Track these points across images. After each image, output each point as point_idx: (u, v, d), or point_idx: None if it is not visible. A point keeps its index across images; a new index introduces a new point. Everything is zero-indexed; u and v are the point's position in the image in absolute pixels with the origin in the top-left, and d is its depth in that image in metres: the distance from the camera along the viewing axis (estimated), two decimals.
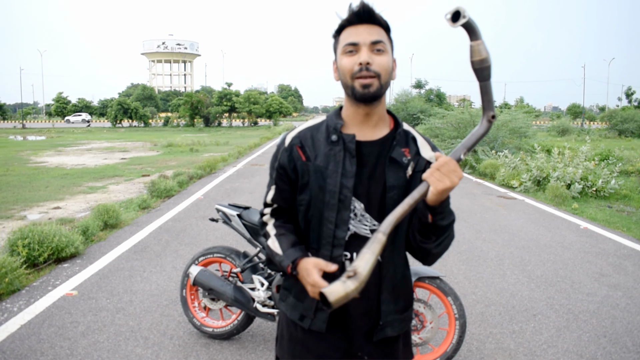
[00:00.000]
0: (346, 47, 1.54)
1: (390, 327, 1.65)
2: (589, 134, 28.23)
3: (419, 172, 1.61)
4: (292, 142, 1.66)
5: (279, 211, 1.73)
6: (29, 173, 13.77)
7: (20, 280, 4.79)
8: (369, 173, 1.59)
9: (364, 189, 1.58)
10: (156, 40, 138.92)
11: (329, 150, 1.59)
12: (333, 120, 1.63)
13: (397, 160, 1.59)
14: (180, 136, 34.00)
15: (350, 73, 1.53)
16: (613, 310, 4.41)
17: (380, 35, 1.53)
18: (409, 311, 1.72)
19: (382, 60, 1.53)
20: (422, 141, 1.67)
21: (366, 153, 1.59)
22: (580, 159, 11.25)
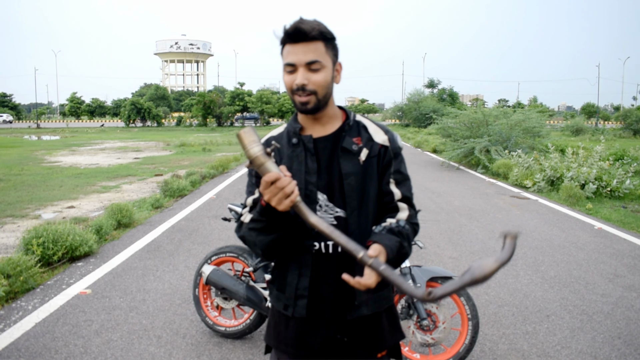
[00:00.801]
0: (285, 67, 1.63)
1: (365, 306, 1.72)
2: (604, 134, 28.00)
3: (374, 156, 1.72)
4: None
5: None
6: (43, 172, 13.90)
7: (34, 278, 4.84)
8: (326, 165, 1.71)
9: (324, 181, 1.70)
10: (169, 40, 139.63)
11: (291, 152, 1.73)
12: (292, 125, 1.77)
13: (348, 149, 1.70)
14: (193, 136, 34.13)
15: (290, 90, 1.65)
16: (628, 312, 4.37)
17: (317, 53, 1.61)
18: (384, 290, 1.78)
19: (318, 78, 1.61)
20: (374, 127, 1.78)
21: (321, 148, 1.72)
22: (595, 158, 11.15)
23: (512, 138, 15.47)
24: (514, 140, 15.42)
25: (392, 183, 1.76)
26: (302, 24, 1.58)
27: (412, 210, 1.79)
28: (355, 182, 1.69)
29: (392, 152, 1.75)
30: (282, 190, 1.46)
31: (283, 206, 1.49)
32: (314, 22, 1.62)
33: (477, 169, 14.85)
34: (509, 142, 15.41)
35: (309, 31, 1.58)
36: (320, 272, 1.72)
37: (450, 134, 17.94)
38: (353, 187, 1.68)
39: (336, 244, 1.66)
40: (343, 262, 1.70)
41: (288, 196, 1.47)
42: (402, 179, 1.77)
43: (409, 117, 47.70)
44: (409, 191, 1.79)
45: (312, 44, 1.60)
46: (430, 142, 23.33)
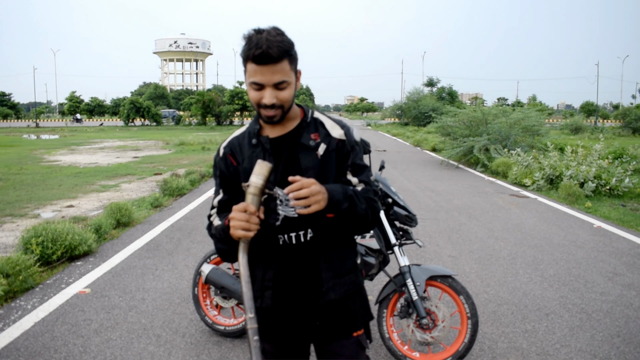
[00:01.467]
0: (251, 85, 1.68)
1: (333, 291, 1.82)
2: (603, 132, 27.96)
3: (332, 150, 1.80)
4: (225, 151, 1.89)
5: (223, 209, 1.90)
6: (42, 172, 13.89)
7: (34, 278, 4.83)
8: (285, 162, 1.79)
9: (284, 177, 1.73)
10: (168, 39, 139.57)
11: (251, 152, 1.81)
12: (252, 126, 1.86)
13: (306, 145, 1.79)
14: (192, 135, 34.11)
15: (257, 105, 1.71)
16: (627, 310, 4.37)
17: (283, 73, 1.66)
18: (351, 275, 1.88)
19: (285, 95, 1.69)
20: (331, 123, 1.85)
21: (279, 147, 1.80)
22: (594, 157, 11.14)
23: (511, 137, 15.47)
24: (513, 139, 15.42)
25: (349, 173, 1.84)
26: (270, 48, 1.61)
27: (369, 187, 1.85)
28: (315, 175, 1.74)
29: (349, 145, 1.82)
30: (247, 223, 1.61)
31: (236, 234, 1.63)
32: (277, 38, 1.64)
33: (476, 168, 14.85)
34: (508, 141, 15.41)
35: (277, 55, 1.62)
36: (286, 263, 1.82)
37: (450, 133, 17.93)
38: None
39: (299, 235, 1.79)
40: (308, 252, 1.81)
41: (245, 230, 1.61)
42: (359, 169, 1.84)
43: (408, 116, 47.67)
44: (367, 177, 1.86)
45: (279, 65, 1.65)
46: (430, 140, 23.31)
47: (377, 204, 1.85)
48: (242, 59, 1.70)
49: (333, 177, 1.81)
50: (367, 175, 1.86)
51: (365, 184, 1.84)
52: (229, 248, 1.79)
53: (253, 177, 1.62)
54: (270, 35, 1.63)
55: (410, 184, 11.58)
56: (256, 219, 1.64)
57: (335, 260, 1.85)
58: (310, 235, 1.81)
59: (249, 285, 1.63)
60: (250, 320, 1.59)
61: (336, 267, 1.85)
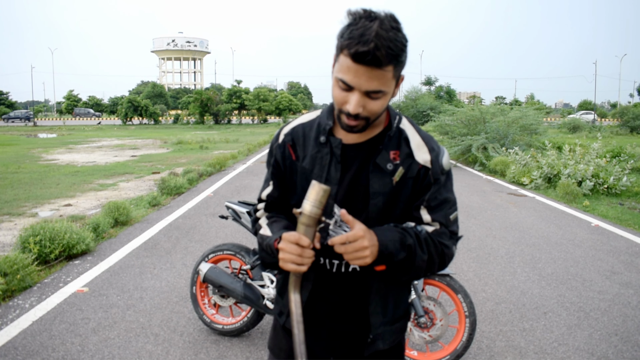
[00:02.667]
0: (339, 82, 1.36)
1: (382, 340, 1.55)
2: (601, 131, 27.98)
3: (411, 177, 1.48)
4: (285, 139, 1.59)
5: (273, 206, 1.66)
6: (40, 170, 13.87)
7: (31, 276, 4.83)
8: (351, 178, 1.49)
9: (345, 194, 1.48)
10: (166, 37, 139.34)
11: (316, 152, 1.51)
12: (324, 119, 1.53)
13: (381, 167, 1.47)
14: (190, 134, 34.12)
15: (339, 107, 1.40)
16: (624, 308, 4.38)
17: (383, 81, 1.33)
18: (402, 322, 1.61)
19: (375, 106, 1.37)
20: (418, 142, 1.51)
21: (351, 157, 1.50)
22: (592, 156, 11.16)
23: (509, 135, 15.48)
24: (511, 138, 15.43)
25: (422, 209, 1.51)
26: (379, 50, 1.26)
27: (443, 229, 1.51)
28: (383, 203, 1.47)
29: (433, 177, 1.49)
30: (299, 257, 1.37)
31: (286, 267, 1.39)
32: (390, 35, 1.29)
33: (474, 167, 14.85)
34: (506, 140, 15.42)
35: (384, 59, 1.28)
36: (321, 289, 1.56)
37: (448, 132, 17.94)
38: (379, 209, 1.47)
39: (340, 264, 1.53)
40: (355, 287, 1.54)
41: (297, 265, 1.38)
42: (437, 204, 1.50)
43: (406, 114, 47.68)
44: (444, 217, 1.51)
45: (382, 71, 1.31)
46: None
47: (451, 249, 1.52)
48: (337, 42, 1.36)
49: (404, 206, 1.50)
50: (445, 214, 1.51)
51: (440, 224, 1.51)
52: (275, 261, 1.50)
53: (307, 204, 1.34)
54: (382, 29, 1.27)
55: None
56: (310, 252, 1.37)
57: (389, 303, 1.56)
58: (354, 266, 1.53)
59: (300, 327, 1.40)
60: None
61: (389, 313, 1.56)
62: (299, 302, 1.43)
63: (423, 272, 1.49)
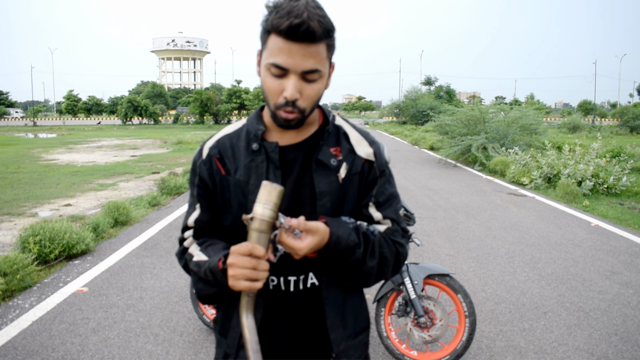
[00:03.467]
0: (271, 67, 1.23)
1: (346, 357, 1.41)
2: (600, 131, 28.00)
3: (356, 173, 1.37)
4: (210, 152, 1.41)
5: (203, 232, 1.45)
6: (40, 170, 13.87)
7: (31, 276, 4.83)
8: (294, 181, 1.35)
9: (289, 200, 1.34)
10: (166, 37, 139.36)
11: (249, 161, 1.35)
12: (254, 125, 1.39)
13: (325, 163, 1.35)
14: (190, 133, 34.10)
15: (275, 100, 1.26)
16: (624, 308, 4.38)
17: (318, 58, 1.23)
18: (364, 334, 1.47)
19: (312, 91, 1.26)
20: (357, 136, 1.42)
21: (290, 159, 1.36)
22: (592, 155, 11.16)
23: (509, 135, 15.49)
24: (511, 138, 15.43)
25: (371, 206, 1.40)
26: (311, 20, 1.17)
27: (395, 226, 1.42)
28: (331, 204, 1.34)
29: (378, 170, 1.40)
30: (254, 271, 1.18)
31: (238, 286, 1.19)
32: (319, 12, 1.21)
33: (474, 166, 14.85)
34: (506, 140, 15.42)
35: (318, 32, 1.19)
36: (277, 314, 1.39)
37: (448, 132, 17.94)
38: (327, 210, 1.34)
39: (298, 281, 1.37)
40: (311, 303, 1.40)
41: (251, 281, 1.18)
42: (385, 200, 1.41)
43: (406, 115, 47.65)
44: (394, 212, 1.42)
45: (316, 47, 1.21)
46: (428, 139, 23.32)
47: (404, 248, 1.42)
48: (262, 32, 1.26)
49: (353, 206, 1.39)
50: (395, 210, 1.42)
51: (392, 221, 1.41)
52: (217, 291, 1.33)
53: (259, 207, 1.17)
54: (310, 6, 1.19)
55: (408, 183, 11.58)
56: (265, 264, 1.19)
57: (347, 314, 1.43)
58: (312, 281, 1.39)
59: (258, 356, 1.19)
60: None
61: (349, 324, 1.43)
62: (254, 328, 1.22)
63: (374, 276, 1.37)
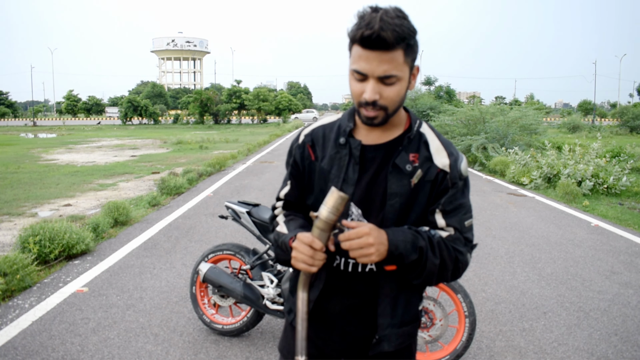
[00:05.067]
0: (354, 73, 1.42)
1: (387, 341, 1.55)
2: (600, 131, 28.00)
3: (429, 181, 1.50)
4: (305, 139, 1.62)
5: (291, 205, 1.68)
6: (39, 170, 13.87)
7: (31, 276, 4.83)
8: (369, 178, 1.51)
9: (363, 195, 1.51)
10: (166, 37, 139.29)
11: (335, 152, 1.54)
12: (345, 121, 1.57)
13: (400, 167, 1.49)
14: (190, 133, 34.10)
15: (357, 100, 1.44)
16: (624, 308, 4.38)
17: (394, 64, 1.37)
18: (410, 326, 1.60)
19: (391, 93, 1.41)
20: (437, 146, 1.53)
21: (369, 158, 1.52)
22: (591, 155, 11.16)
23: (509, 135, 15.49)
24: (510, 138, 15.44)
25: (437, 213, 1.52)
26: (384, 30, 1.32)
27: (457, 235, 1.53)
28: (400, 205, 1.49)
29: (450, 182, 1.51)
30: (310, 258, 1.41)
31: (297, 266, 1.44)
32: (396, 20, 1.35)
33: (474, 166, 14.85)
34: (506, 140, 15.43)
35: (391, 40, 1.33)
36: (335, 288, 1.58)
37: (448, 132, 17.95)
38: (395, 210, 1.49)
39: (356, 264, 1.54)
40: (366, 287, 1.55)
41: (308, 265, 1.42)
42: (452, 209, 1.52)
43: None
44: (459, 222, 1.53)
45: (391, 54, 1.36)
46: None
47: (465, 256, 1.53)
48: (348, 41, 1.41)
49: (421, 210, 1.52)
50: (460, 220, 1.53)
51: (455, 230, 1.52)
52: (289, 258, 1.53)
53: (324, 210, 1.38)
54: (387, 16, 1.34)
55: None
56: (322, 255, 1.42)
57: (398, 305, 1.56)
58: (371, 267, 1.54)
59: (304, 324, 1.46)
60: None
61: (397, 315, 1.56)
62: (306, 300, 1.47)
63: (435, 277, 1.49)
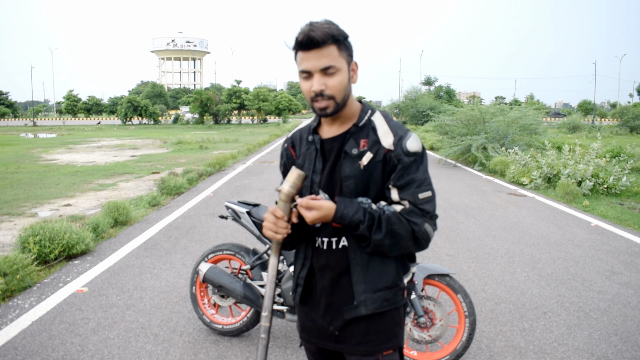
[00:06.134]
0: (301, 73, 1.67)
1: (364, 305, 1.72)
2: (600, 131, 27.98)
3: (379, 161, 1.69)
4: (287, 143, 1.91)
5: None
6: (39, 170, 13.87)
7: (31, 276, 4.83)
8: (330, 166, 1.75)
9: (326, 181, 1.75)
10: (166, 37, 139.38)
11: (306, 149, 1.82)
12: (313, 121, 1.83)
13: (348, 153, 1.71)
14: (190, 133, 34.11)
15: (309, 97, 1.68)
16: (624, 308, 4.38)
17: (330, 57, 1.63)
18: (386, 291, 1.74)
19: (334, 82, 1.64)
20: (385, 130, 1.73)
21: (328, 149, 1.77)
22: (591, 156, 11.16)
23: (509, 135, 15.48)
24: (510, 138, 15.43)
25: (391, 189, 1.70)
26: (313, 31, 1.59)
27: (412, 207, 1.69)
28: (355, 186, 1.70)
29: (395, 158, 1.68)
30: (274, 226, 1.67)
31: (266, 234, 1.70)
32: (325, 25, 1.62)
33: (474, 166, 14.85)
34: (506, 140, 15.42)
35: (320, 38, 1.60)
36: (320, 266, 1.79)
37: (447, 132, 17.93)
38: (351, 190, 1.70)
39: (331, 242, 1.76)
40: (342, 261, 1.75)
41: (273, 232, 1.68)
42: (404, 184, 1.68)
43: (406, 115, 47.60)
44: (412, 195, 1.68)
45: (325, 49, 1.62)
46: (428, 139, 23.31)
47: (421, 227, 1.67)
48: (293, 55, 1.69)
49: (378, 188, 1.71)
50: (413, 193, 1.68)
51: (409, 203, 1.68)
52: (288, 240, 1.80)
53: (285, 185, 1.67)
54: (317, 23, 1.62)
55: None
56: (284, 224, 1.67)
57: (370, 274, 1.73)
58: (344, 244, 1.75)
59: (271, 286, 1.75)
60: (264, 318, 1.74)
61: (370, 281, 1.73)
62: (274, 265, 1.76)
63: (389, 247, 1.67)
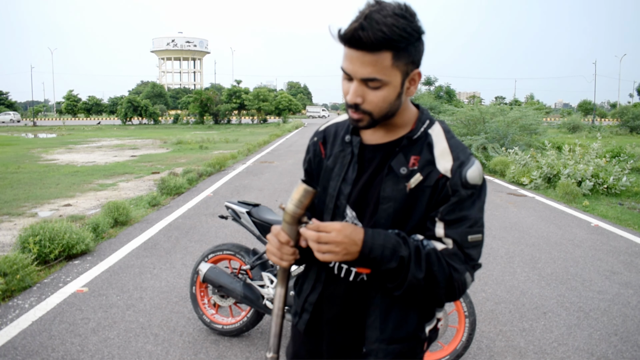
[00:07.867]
0: (343, 72, 1.33)
1: (374, 356, 1.43)
2: (600, 131, 27.98)
3: (429, 186, 1.36)
4: (318, 137, 1.58)
5: None
6: (39, 170, 13.86)
7: (31, 276, 4.82)
8: (366, 179, 1.42)
9: (358, 196, 1.42)
10: (166, 37, 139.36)
11: (340, 150, 1.48)
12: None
13: (395, 170, 1.37)
14: (190, 134, 34.10)
15: (345, 100, 1.35)
16: (624, 308, 4.38)
17: (377, 68, 1.25)
18: (402, 345, 1.45)
19: (376, 98, 1.30)
20: (443, 149, 1.38)
21: (368, 158, 1.43)
22: (591, 156, 11.16)
23: (509, 135, 15.48)
24: (510, 138, 15.43)
25: (437, 222, 1.37)
26: (364, 29, 1.20)
27: (456, 249, 1.36)
28: (394, 210, 1.37)
29: (451, 189, 1.34)
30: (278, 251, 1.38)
31: (270, 259, 1.41)
32: (387, 21, 1.21)
33: None
34: (506, 140, 15.42)
35: (371, 42, 1.21)
36: (330, 291, 1.51)
37: None
38: (388, 215, 1.37)
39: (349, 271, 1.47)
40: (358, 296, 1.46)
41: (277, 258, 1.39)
42: (454, 220, 1.35)
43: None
44: (460, 235, 1.36)
45: (375, 56, 1.23)
46: None
47: (462, 275, 1.36)
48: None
49: (419, 218, 1.38)
50: (462, 233, 1.35)
51: (454, 243, 1.36)
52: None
53: (290, 203, 1.34)
54: (380, 13, 1.21)
55: None
56: (289, 249, 1.36)
57: (389, 321, 1.43)
58: (362, 276, 1.45)
59: (278, 321, 1.46)
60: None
61: (387, 329, 1.43)
62: (281, 297, 1.46)
63: (422, 292, 1.35)
